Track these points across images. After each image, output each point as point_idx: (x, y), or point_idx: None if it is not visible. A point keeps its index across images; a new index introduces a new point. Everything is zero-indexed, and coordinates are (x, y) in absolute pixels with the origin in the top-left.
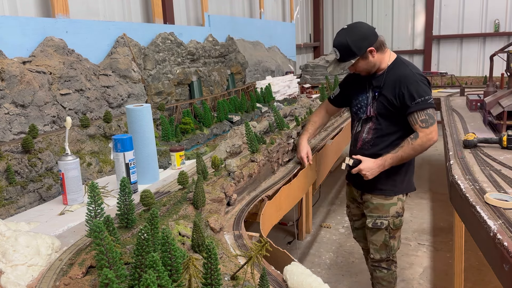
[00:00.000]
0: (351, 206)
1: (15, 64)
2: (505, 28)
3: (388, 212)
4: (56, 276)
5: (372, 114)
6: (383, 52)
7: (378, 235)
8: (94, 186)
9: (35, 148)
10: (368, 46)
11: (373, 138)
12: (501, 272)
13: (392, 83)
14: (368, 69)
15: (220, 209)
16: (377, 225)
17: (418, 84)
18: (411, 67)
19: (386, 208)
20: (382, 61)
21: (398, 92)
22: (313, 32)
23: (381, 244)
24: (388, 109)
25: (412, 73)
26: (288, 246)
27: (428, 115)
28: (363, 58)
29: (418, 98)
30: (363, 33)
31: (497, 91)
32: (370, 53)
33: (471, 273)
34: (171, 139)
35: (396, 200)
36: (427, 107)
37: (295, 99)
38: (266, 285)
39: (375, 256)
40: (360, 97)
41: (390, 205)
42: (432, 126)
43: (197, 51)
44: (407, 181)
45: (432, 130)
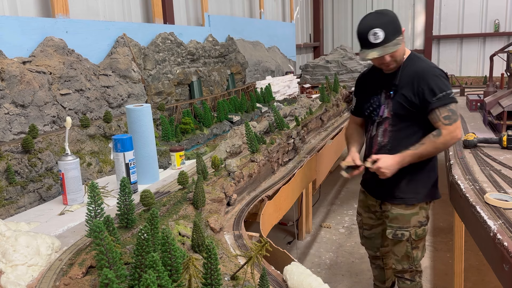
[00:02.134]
0: (363, 215)
1: (15, 64)
2: (505, 28)
3: (409, 223)
4: (56, 276)
5: (387, 115)
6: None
7: (399, 246)
8: (94, 186)
9: (35, 148)
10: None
11: (390, 141)
12: (501, 272)
13: (410, 79)
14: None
15: (220, 209)
16: (398, 236)
17: (438, 78)
18: (428, 61)
19: (407, 219)
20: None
21: (417, 89)
22: (313, 32)
23: (402, 255)
24: (406, 109)
25: (430, 67)
26: (288, 246)
27: (451, 110)
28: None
29: (439, 93)
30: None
31: (497, 91)
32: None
33: (471, 273)
34: (171, 139)
35: (417, 210)
36: (449, 102)
37: (295, 99)
38: (266, 285)
39: (397, 267)
40: (371, 99)
41: (411, 215)
42: (455, 122)
43: (197, 51)
44: (430, 188)
45: (456, 127)
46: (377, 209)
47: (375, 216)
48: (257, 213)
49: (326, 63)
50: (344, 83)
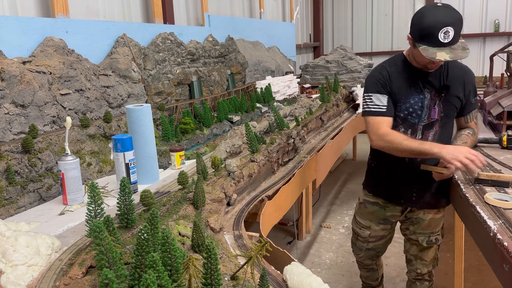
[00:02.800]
0: (374, 227)
1: (15, 64)
2: (505, 28)
3: (439, 226)
4: (56, 276)
5: (437, 117)
6: None
7: (430, 251)
8: (94, 186)
9: (35, 148)
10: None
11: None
12: (501, 272)
13: (458, 78)
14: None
15: (220, 209)
16: (432, 242)
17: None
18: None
19: (438, 222)
20: None
21: (466, 89)
22: (313, 32)
23: (431, 259)
24: (456, 110)
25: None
26: (288, 246)
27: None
28: None
29: (474, 97)
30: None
31: (497, 91)
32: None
33: (471, 273)
34: (171, 139)
35: (443, 212)
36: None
37: (295, 99)
38: (266, 285)
39: (423, 271)
40: (412, 99)
41: (441, 219)
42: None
43: (197, 51)
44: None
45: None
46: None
47: (390, 227)
48: (257, 213)
49: (326, 63)
50: (344, 83)
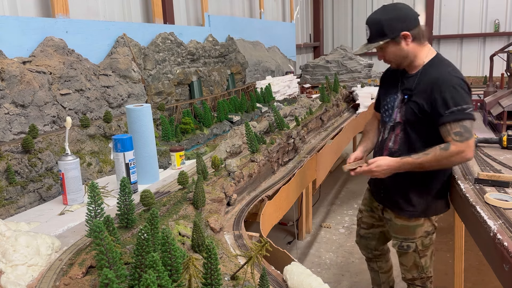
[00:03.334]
0: (364, 213)
1: (15, 64)
2: (505, 28)
3: (414, 234)
4: (56, 276)
5: (399, 120)
6: (421, 44)
7: (406, 257)
8: (94, 186)
9: (35, 148)
10: (403, 29)
11: (400, 148)
12: (501, 272)
13: (426, 86)
14: (398, 59)
15: (220, 209)
16: (403, 248)
17: (455, 90)
18: (451, 68)
19: (412, 230)
20: (417, 54)
21: (431, 97)
22: (313, 32)
23: (411, 265)
24: (418, 116)
25: (451, 76)
26: (288, 246)
27: (464, 127)
28: (395, 43)
29: (453, 106)
30: (402, 14)
31: (497, 91)
32: (404, 39)
33: (471, 273)
34: (171, 139)
35: (422, 221)
36: (463, 117)
37: (295, 99)
38: (266, 285)
39: (407, 276)
40: (388, 97)
41: (416, 227)
42: (467, 141)
43: (197, 51)
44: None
45: (467, 146)
46: (379, 214)
47: (377, 217)
48: (257, 213)
49: (326, 63)
50: (344, 83)
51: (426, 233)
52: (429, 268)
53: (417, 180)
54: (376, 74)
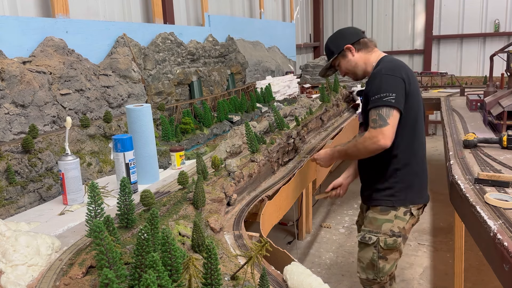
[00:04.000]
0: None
1: (15, 64)
2: (505, 28)
3: (379, 228)
4: (56, 276)
5: (361, 120)
6: (367, 52)
7: (365, 251)
8: (94, 186)
9: (35, 148)
10: (345, 44)
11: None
12: (501, 272)
13: (368, 83)
14: (351, 69)
15: (220, 209)
16: (365, 239)
17: (380, 79)
18: (387, 63)
19: (379, 223)
20: (367, 61)
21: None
22: (313, 32)
23: (368, 263)
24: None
25: (380, 70)
26: (288, 246)
27: (379, 115)
28: (343, 57)
29: (375, 95)
30: (342, 33)
31: (497, 91)
32: (349, 51)
33: (471, 273)
34: (171, 139)
35: (392, 217)
36: (379, 105)
37: (295, 99)
38: (266, 285)
39: (361, 275)
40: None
41: (384, 221)
42: (381, 128)
43: (197, 51)
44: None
45: (379, 133)
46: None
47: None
48: (257, 213)
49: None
50: (344, 83)
51: (391, 232)
52: (386, 276)
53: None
54: None
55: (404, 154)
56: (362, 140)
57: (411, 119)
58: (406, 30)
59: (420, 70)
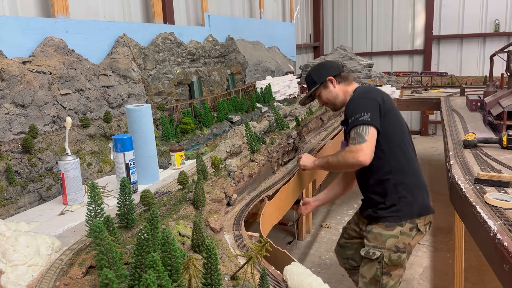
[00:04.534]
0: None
1: (15, 64)
2: (505, 28)
3: (384, 244)
4: (56, 276)
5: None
6: (347, 84)
7: (369, 266)
8: (94, 186)
9: (35, 148)
10: (328, 75)
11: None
12: (501, 272)
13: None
14: (332, 100)
15: (220, 209)
16: (369, 254)
17: (354, 103)
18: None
19: (384, 239)
20: (345, 93)
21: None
22: (313, 32)
23: (371, 278)
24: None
25: (358, 95)
26: (288, 246)
27: (357, 133)
28: (324, 87)
29: (351, 117)
30: (325, 65)
31: (497, 91)
32: (331, 82)
33: (471, 273)
34: (171, 139)
35: (397, 233)
36: (357, 124)
37: (295, 99)
38: (266, 285)
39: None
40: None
41: (388, 236)
42: (359, 144)
43: (197, 51)
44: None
45: (359, 149)
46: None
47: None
48: (257, 213)
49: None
50: None
51: (396, 248)
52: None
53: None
54: (376, 74)
55: (397, 169)
56: (343, 153)
57: (396, 136)
58: (406, 30)
59: (420, 70)
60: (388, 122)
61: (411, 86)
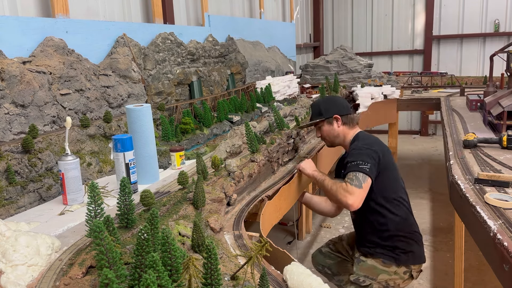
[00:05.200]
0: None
1: (15, 64)
2: (505, 28)
3: (376, 276)
4: (56, 276)
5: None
6: (349, 127)
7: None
8: (94, 186)
9: (35, 148)
10: (336, 113)
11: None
12: (501, 272)
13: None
14: (331, 138)
15: (220, 209)
16: (359, 281)
17: (356, 151)
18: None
19: (377, 272)
20: (346, 135)
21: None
22: (313, 32)
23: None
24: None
25: (361, 144)
26: (288, 246)
27: (356, 176)
28: (328, 123)
29: (352, 162)
30: (335, 101)
31: (497, 91)
32: (336, 121)
33: (471, 273)
34: (171, 139)
35: (392, 271)
36: (357, 170)
37: (295, 99)
38: (266, 285)
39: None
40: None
41: (382, 271)
42: (355, 187)
43: (197, 51)
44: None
45: (353, 192)
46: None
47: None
48: (257, 213)
49: (326, 63)
50: (344, 83)
51: (386, 284)
52: None
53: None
54: (376, 74)
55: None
56: (338, 186)
57: (393, 191)
58: (406, 30)
59: (420, 70)
60: (387, 177)
61: (411, 86)
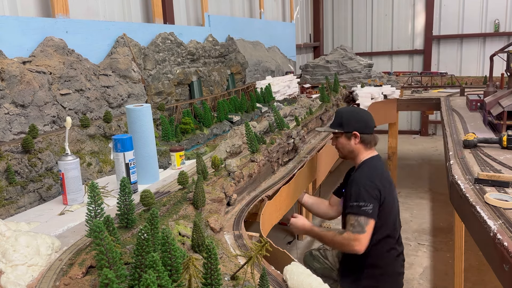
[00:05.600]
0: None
1: (15, 64)
2: (505, 28)
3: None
4: (56, 276)
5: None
6: (366, 148)
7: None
8: (94, 186)
9: (35, 148)
10: (356, 129)
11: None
12: (501, 272)
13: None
14: (345, 152)
15: (220, 209)
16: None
17: (360, 189)
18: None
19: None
20: (359, 154)
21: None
22: (313, 32)
23: None
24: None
25: (364, 177)
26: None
27: (358, 222)
28: (346, 136)
29: (354, 201)
30: (360, 117)
31: (497, 91)
32: (354, 137)
33: (471, 273)
34: (171, 139)
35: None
36: (359, 213)
37: (295, 99)
38: (266, 285)
39: None
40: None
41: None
42: (359, 234)
43: (197, 51)
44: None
45: (356, 239)
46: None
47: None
48: (257, 213)
49: (326, 63)
50: (344, 83)
51: None
52: None
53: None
54: (376, 74)
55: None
56: (340, 239)
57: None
58: (406, 30)
59: (420, 70)
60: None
61: (411, 86)
